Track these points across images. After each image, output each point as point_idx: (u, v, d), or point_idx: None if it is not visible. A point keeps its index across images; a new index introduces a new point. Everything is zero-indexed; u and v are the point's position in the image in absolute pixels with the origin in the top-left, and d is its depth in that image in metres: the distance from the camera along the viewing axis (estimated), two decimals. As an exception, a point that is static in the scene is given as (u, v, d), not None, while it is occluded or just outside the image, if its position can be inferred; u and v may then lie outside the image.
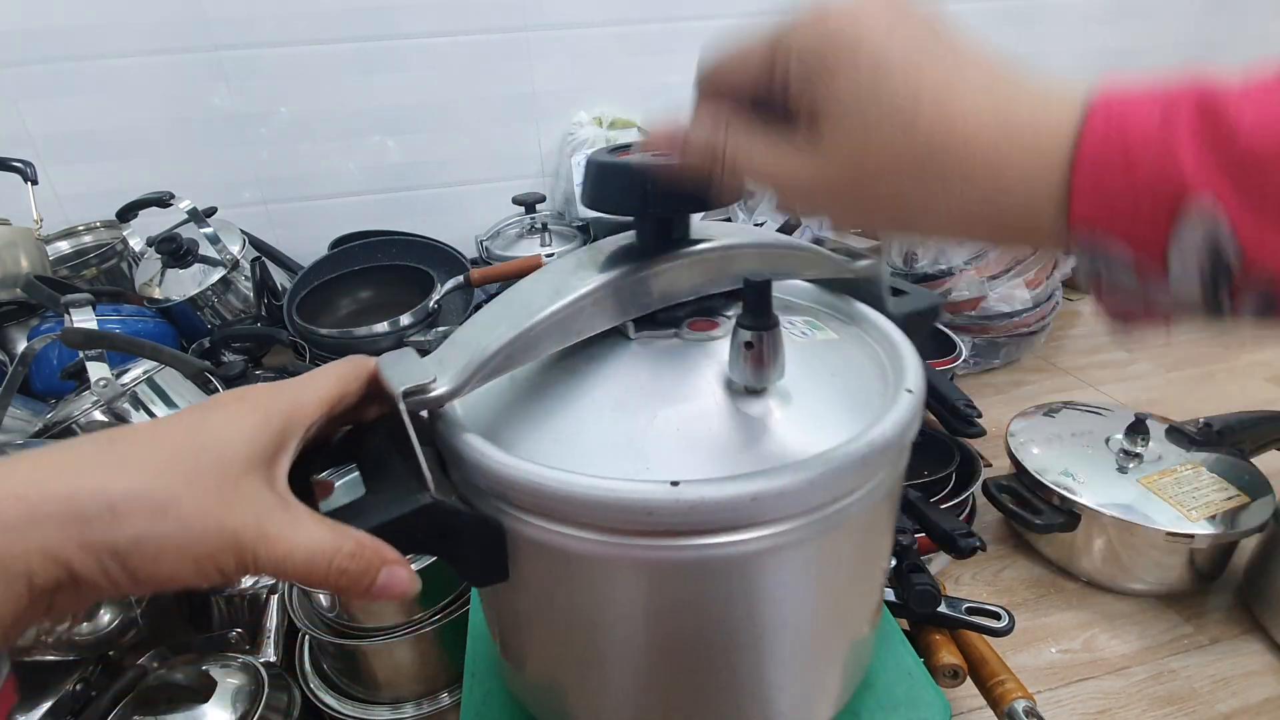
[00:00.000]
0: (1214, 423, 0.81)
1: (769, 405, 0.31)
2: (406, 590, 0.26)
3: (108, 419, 0.77)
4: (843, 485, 0.28)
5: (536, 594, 0.33)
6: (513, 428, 0.31)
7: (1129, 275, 0.20)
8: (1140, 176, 0.18)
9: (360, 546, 0.24)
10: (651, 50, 1.46)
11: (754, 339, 0.29)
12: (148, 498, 0.21)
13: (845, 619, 0.35)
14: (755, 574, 0.29)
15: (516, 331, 0.29)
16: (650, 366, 0.33)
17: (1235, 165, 0.17)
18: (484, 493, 0.29)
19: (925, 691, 0.43)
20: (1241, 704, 0.66)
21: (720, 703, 0.33)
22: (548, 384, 0.33)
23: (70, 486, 0.20)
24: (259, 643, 0.68)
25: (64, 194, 1.33)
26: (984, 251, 1.10)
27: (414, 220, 1.43)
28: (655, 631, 0.31)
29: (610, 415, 0.31)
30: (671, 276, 0.32)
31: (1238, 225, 0.18)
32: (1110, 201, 0.19)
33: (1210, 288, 0.19)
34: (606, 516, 0.27)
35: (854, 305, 0.39)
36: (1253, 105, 0.18)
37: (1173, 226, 0.18)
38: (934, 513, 0.66)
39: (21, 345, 0.99)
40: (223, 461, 0.23)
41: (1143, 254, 0.19)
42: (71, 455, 0.22)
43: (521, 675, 0.39)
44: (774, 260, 0.36)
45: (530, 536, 0.29)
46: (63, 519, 0.20)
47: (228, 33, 1.30)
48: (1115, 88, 0.19)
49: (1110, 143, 0.19)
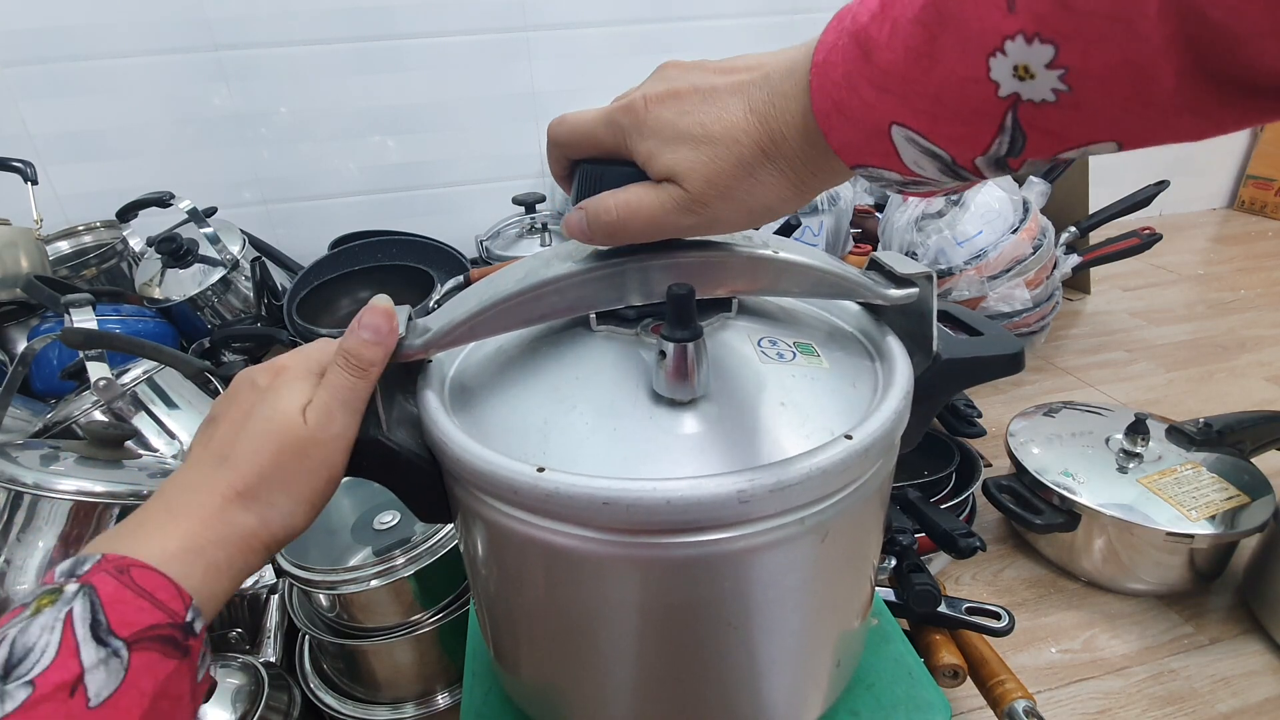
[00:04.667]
0: (1214, 423, 0.81)
1: (686, 420, 0.30)
2: (378, 316, 0.31)
3: (107, 419, 0.77)
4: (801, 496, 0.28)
5: (517, 586, 0.33)
6: (470, 391, 0.34)
7: (895, 178, 0.25)
8: (853, 117, 0.23)
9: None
10: (651, 50, 1.46)
11: (668, 349, 0.28)
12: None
13: (830, 617, 0.35)
14: (728, 572, 0.29)
15: (481, 305, 0.31)
16: (598, 360, 0.33)
17: (887, 86, 0.22)
18: (425, 445, 0.33)
19: (925, 691, 0.43)
20: (1242, 704, 0.66)
21: (710, 699, 0.34)
22: (518, 358, 0.35)
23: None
24: (259, 642, 0.68)
25: (64, 194, 1.33)
26: (983, 252, 1.10)
27: (414, 220, 1.43)
28: (628, 627, 0.31)
29: (537, 399, 0.32)
30: (642, 277, 0.32)
31: (915, 126, 0.22)
32: (848, 139, 0.24)
33: (949, 172, 0.23)
34: (486, 484, 0.29)
35: (886, 339, 0.35)
36: (877, 24, 0.22)
37: (893, 145, 0.23)
38: (934, 513, 0.66)
39: (21, 345, 0.99)
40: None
41: (891, 167, 0.24)
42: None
43: (515, 679, 0.40)
44: (770, 274, 0.33)
45: (463, 498, 0.32)
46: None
47: (228, 33, 1.30)
48: (824, 39, 0.24)
49: (824, 96, 0.24)
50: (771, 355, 0.33)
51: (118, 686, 0.23)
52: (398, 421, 0.33)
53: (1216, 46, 0.16)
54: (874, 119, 0.23)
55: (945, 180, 0.24)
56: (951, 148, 0.22)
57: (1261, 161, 1.88)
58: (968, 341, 0.36)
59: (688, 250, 0.31)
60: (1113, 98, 0.19)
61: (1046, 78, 0.19)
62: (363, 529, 0.61)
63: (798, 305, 0.39)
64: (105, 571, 0.25)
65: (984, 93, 0.20)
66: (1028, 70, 0.19)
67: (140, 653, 0.24)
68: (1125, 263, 1.31)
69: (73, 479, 0.59)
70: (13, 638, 0.23)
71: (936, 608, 0.58)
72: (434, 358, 0.35)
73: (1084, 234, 1.25)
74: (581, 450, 0.29)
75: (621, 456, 0.29)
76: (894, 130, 0.23)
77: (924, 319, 0.35)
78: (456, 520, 0.35)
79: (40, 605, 0.24)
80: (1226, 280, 1.52)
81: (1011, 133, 0.21)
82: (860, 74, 0.23)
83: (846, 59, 0.23)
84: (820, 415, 0.31)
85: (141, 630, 0.24)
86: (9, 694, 0.21)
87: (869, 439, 0.29)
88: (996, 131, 0.21)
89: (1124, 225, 1.28)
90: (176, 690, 0.25)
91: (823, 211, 1.25)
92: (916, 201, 1.18)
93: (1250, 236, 1.77)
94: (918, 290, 0.34)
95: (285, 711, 0.60)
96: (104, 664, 0.23)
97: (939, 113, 0.21)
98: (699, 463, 0.28)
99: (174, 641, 0.25)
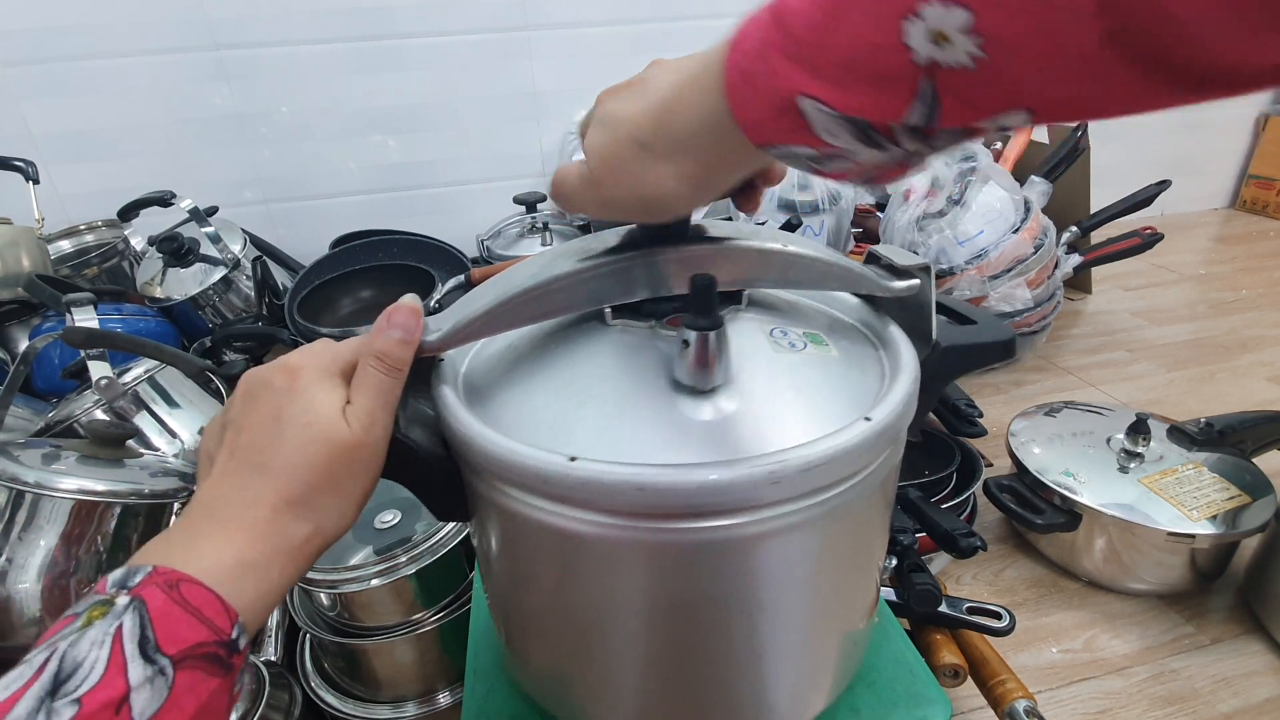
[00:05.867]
0: (1215, 423, 0.81)
1: (706, 408, 0.30)
2: (408, 316, 0.32)
3: (109, 418, 0.77)
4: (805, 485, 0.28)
5: (535, 579, 0.33)
6: (483, 388, 0.35)
7: (808, 153, 0.24)
8: (761, 89, 0.23)
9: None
10: (651, 49, 1.46)
11: (691, 338, 0.29)
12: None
13: (839, 610, 0.36)
14: (740, 559, 0.30)
15: (495, 302, 0.31)
16: (614, 354, 0.33)
17: (799, 55, 0.22)
18: (446, 441, 0.33)
19: (926, 689, 0.43)
20: (1242, 704, 0.66)
21: (717, 687, 0.34)
22: (529, 354, 0.35)
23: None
24: (260, 641, 0.68)
25: (66, 193, 1.33)
26: (984, 251, 1.10)
27: (415, 220, 1.43)
28: (647, 615, 0.32)
29: (553, 393, 0.32)
30: (655, 271, 0.32)
31: (824, 99, 0.22)
32: (755, 114, 0.24)
33: (866, 141, 0.22)
34: (515, 476, 0.29)
35: (889, 328, 0.36)
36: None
37: (803, 118, 0.22)
38: (935, 512, 0.66)
39: (23, 344, 1.00)
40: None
41: (803, 142, 0.23)
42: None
43: (527, 669, 0.40)
44: (778, 266, 0.34)
45: (483, 494, 0.32)
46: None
47: (229, 32, 1.30)
48: (740, 26, 0.24)
49: (735, 69, 0.24)
50: (784, 345, 0.34)
51: (161, 705, 0.23)
52: (411, 420, 0.33)
53: (1136, 14, 0.16)
54: (782, 90, 0.22)
55: (860, 150, 0.23)
56: (863, 117, 0.22)
57: (1263, 161, 1.88)
58: (962, 329, 0.37)
59: (698, 243, 0.32)
60: (1028, 65, 0.18)
61: (963, 43, 0.19)
62: (364, 528, 0.61)
63: (800, 299, 0.39)
64: (156, 585, 0.25)
65: (898, 59, 0.20)
66: (944, 36, 0.19)
67: (185, 671, 0.24)
68: (1126, 262, 1.31)
69: (74, 478, 0.59)
70: (63, 651, 0.23)
71: (937, 607, 0.58)
72: (445, 356, 0.35)
73: (1085, 233, 1.25)
74: (603, 439, 0.29)
75: (645, 444, 0.29)
76: (802, 102, 0.22)
77: (923, 309, 0.36)
78: (473, 516, 0.35)
79: (91, 617, 0.24)
80: (1228, 280, 1.52)
81: (929, 101, 0.20)
82: (772, 43, 0.22)
83: (761, 29, 0.23)
84: (835, 400, 0.31)
85: (188, 648, 0.24)
86: (56, 711, 0.21)
87: (886, 420, 0.30)
88: (912, 98, 0.21)
89: (1125, 225, 1.28)
90: (217, 705, 0.25)
91: (824, 211, 1.25)
92: (918, 201, 1.17)
93: (1252, 236, 1.77)
94: (918, 282, 0.35)
95: (286, 710, 0.60)
96: (149, 682, 0.23)
97: (849, 81, 0.21)
98: (722, 448, 0.29)
99: (218, 659, 0.25)
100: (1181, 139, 1.84)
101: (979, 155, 1.15)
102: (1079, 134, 1.19)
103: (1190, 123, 1.84)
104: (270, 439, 0.29)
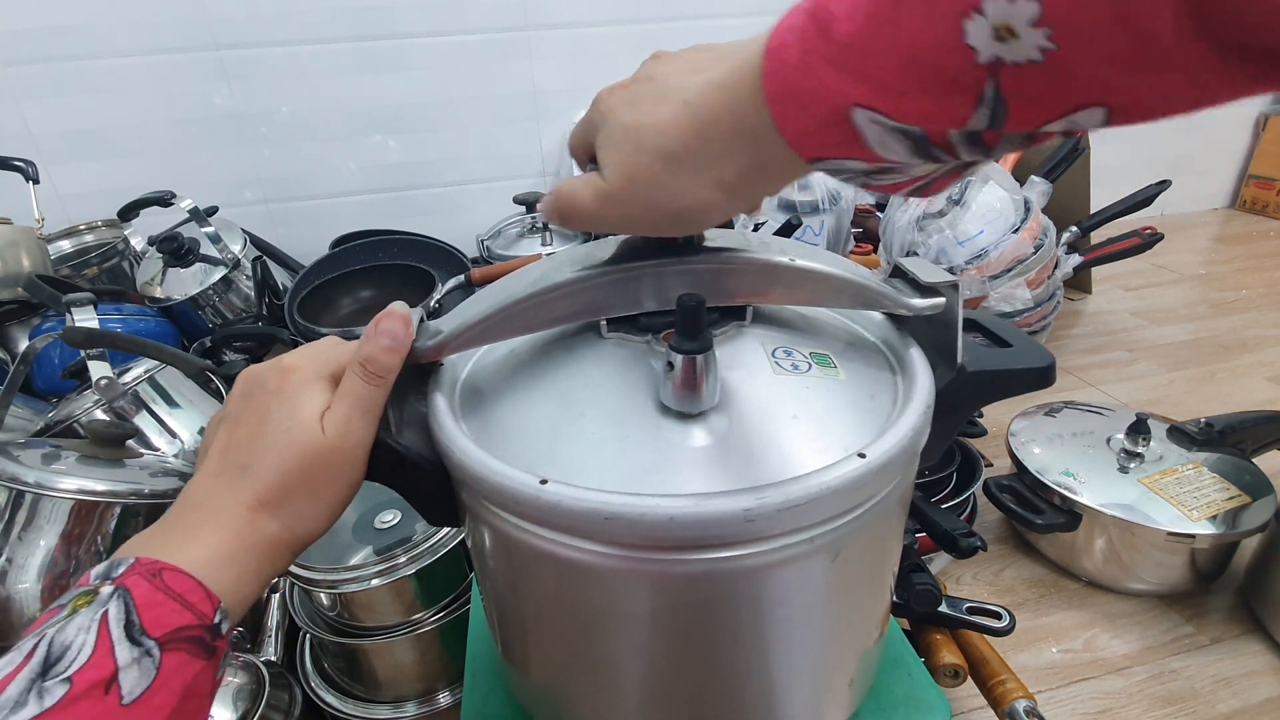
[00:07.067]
0: (1215, 423, 0.81)
1: (694, 433, 0.29)
2: (396, 323, 0.31)
3: (109, 417, 0.78)
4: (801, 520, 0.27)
5: (523, 592, 0.33)
6: (482, 394, 0.34)
7: (858, 168, 0.23)
8: (808, 103, 0.22)
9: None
10: (651, 49, 1.45)
11: (676, 361, 0.27)
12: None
13: (847, 634, 0.34)
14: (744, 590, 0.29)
15: (493, 309, 0.31)
16: (610, 368, 0.32)
17: (847, 64, 0.20)
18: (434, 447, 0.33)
19: (926, 691, 0.43)
20: (1243, 704, 0.66)
21: (712, 714, 0.33)
22: (531, 361, 0.35)
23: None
24: (260, 641, 0.68)
25: (65, 193, 1.33)
26: (984, 251, 1.10)
27: (415, 220, 1.43)
28: (635, 641, 0.31)
29: (546, 405, 0.31)
30: (655, 283, 0.31)
31: (880, 108, 0.20)
32: (804, 127, 0.22)
33: (920, 152, 0.21)
34: (489, 493, 0.29)
35: (909, 350, 0.34)
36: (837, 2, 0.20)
37: (855, 130, 0.21)
38: (935, 512, 0.65)
39: (23, 344, 1.00)
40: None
41: (854, 155, 0.22)
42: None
43: (522, 678, 0.40)
44: (786, 282, 0.31)
45: (468, 504, 0.32)
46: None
47: (229, 32, 1.30)
48: (775, 32, 0.22)
49: (777, 81, 0.22)
50: (785, 366, 0.32)
51: (149, 685, 0.23)
52: (407, 423, 0.33)
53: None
54: (832, 103, 0.21)
55: (915, 163, 0.22)
56: (923, 125, 0.20)
57: (1263, 161, 1.88)
58: (996, 353, 0.34)
59: (702, 256, 0.30)
60: (1102, 55, 0.17)
61: (1031, 36, 0.17)
62: (364, 528, 0.61)
63: (818, 312, 0.37)
64: (139, 574, 0.25)
65: (959, 61, 0.18)
66: (1010, 30, 0.17)
67: (171, 653, 0.24)
68: (1127, 262, 1.31)
69: (74, 478, 0.59)
70: (51, 636, 0.23)
71: (937, 607, 0.58)
72: (446, 360, 0.35)
73: (1085, 233, 1.25)
74: (589, 460, 0.28)
75: (628, 468, 0.28)
76: (855, 114, 0.21)
77: (949, 329, 0.33)
78: (464, 524, 0.35)
79: (77, 606, 0.24)
80: (1228, 280, 1.52)
81: (993, 104, 0.19)
82: (817, 53, 0.21)
83: (803, 39, 0.21)
84: (835, 429, 0.29)
85: (172, 631, 0.25)
86: (48, 690, 0.22)
87: (884, 457, 0.27)
88: (975, 103, 0.19)
89: (1125, 225, 1.28)
90: (202, 688, 0.26)
91: (823, 211, 1.25)
92: (918, 201, 1.17)
93: (1252, 236, 1.77)
94: (944, 300, 0.32)
95: (286, 710, 0.60)
96: (137, 663, 0.23)
97: (906, 88, 0.20)
98: (706, 477, 0.27)
99: (202, 642, 0.25)
100: (1181, 139, 1.84)
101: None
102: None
103: (1190, 123, 1.83)
104: (255, 440, 0.30)
